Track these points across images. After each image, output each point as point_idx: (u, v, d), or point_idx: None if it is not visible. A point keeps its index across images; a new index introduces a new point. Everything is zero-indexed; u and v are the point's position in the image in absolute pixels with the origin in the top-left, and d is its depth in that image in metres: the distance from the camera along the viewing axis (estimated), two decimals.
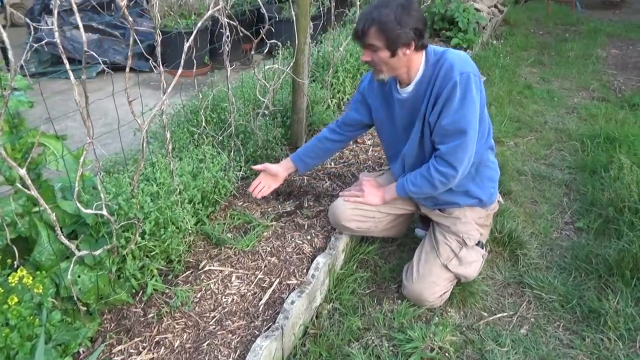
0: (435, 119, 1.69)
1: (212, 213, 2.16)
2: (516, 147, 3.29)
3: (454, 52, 1.69)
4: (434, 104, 1.69)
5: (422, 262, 1.88)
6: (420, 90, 1.73)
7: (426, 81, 1.71)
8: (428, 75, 1.70)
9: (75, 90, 1.31)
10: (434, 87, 1.67)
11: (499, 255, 2.22)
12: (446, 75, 1.64)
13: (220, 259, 1.92)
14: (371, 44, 1.64)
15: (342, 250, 2.08)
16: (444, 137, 1.69)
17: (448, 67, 1.64)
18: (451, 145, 1.67)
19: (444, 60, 1.67)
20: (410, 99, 1.77)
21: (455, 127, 1.64)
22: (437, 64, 1.68)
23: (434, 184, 1.76)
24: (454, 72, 1.62)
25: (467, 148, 1.66)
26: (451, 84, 1.61)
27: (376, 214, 2.02)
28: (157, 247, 1.73)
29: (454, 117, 1.63)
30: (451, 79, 1.61)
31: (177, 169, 1.91)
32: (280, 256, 1.95)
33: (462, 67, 1.63)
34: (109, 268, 1.60)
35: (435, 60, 1.70)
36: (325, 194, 2.38)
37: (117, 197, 1.56)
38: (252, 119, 2.48)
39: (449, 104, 1.63)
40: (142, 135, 1.53)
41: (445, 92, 1.63)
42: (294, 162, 2.15)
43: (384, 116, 1.94)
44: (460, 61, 1.65)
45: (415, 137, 1.80)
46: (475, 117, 1.65)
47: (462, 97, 1.61)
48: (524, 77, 4.72)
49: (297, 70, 2.53)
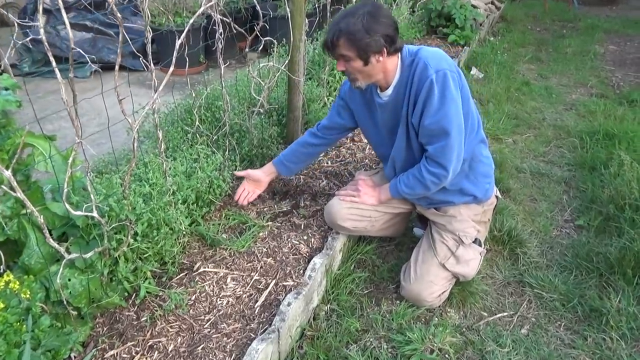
0: (418, 120, 1.67)
1: (207, 213, 2.13)
2: (514, 145, 3.26)
3: (427, 50, 1.67)
4: (414, 105, 1.66)
5: (419, 262, 1.85)
6: (400, 93, 1.71)
7: (404, 83, 1.68)
8: (405, 77, 1.68)
9: (62, 89, 1.28)
10: (412, 88, 1.65)
11: (498, 254, 2.19)
12: (422, 75, 1.61)
13: (215, 260, 1.88)
14: (342, 55, 1.62)
15: (339, 250, 2.05)
16: (430, 138, 1.67)
17: (422, 67, 1.61)
18: (437, 145, 1.65)
19: (418, 59, 1.64)
20: (390, 103, 1.75)
21: (438, 127, 1.61)
22: (412, 65, 1.66)
23: (426, 184, 1.73)
24: (428, 70, 1.59)
25: (454, 147, 1.63)
26: (428, 83, 1.59)
27: (372, 214, 1.98)
28: (150, 249, 1.69)
29: (436, 116, 1.60)
30: (427, 78, 1.59)
31: (171, 169, 1.87)
32: (276, 257, 1.92)
33: (437, 65, 1.60)
34: (100, 271, 1.57)
35: (410, 61, 1.67)
36: (322, 193, 2.35)
37: (108, 199, 1.53)
38: (248, 118, 2.45)
39: (429, 103, 1.60)
40: (133, 134, 1.49)
41: (423, 92, 1.60)
42: (276, 167, 2.12)
43: (367, 121, 1.92)
44: (434, 59, 1.62)
45: (401, 140, 1.78)
46: (457, 114, 1.61)
47: (441, 95, 1.58)
48: (522, 73, 4.69)
49: (292, 68, 2.50)
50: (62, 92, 1.26)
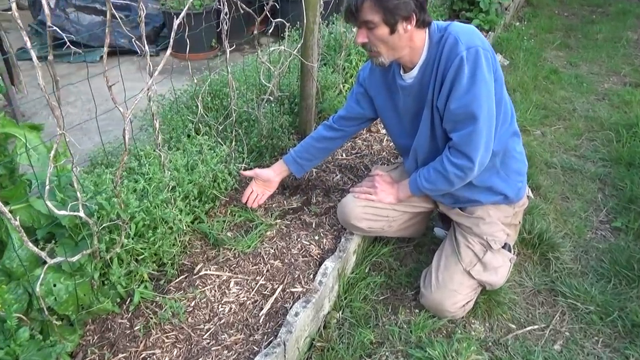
0: (444, 104, 1.48)
1: (212, 209, 1.98)
2: (543, 137, 3.04)
3: (458, 25, 1.47)
4: (440, 86, 1.47)
5: (442, 268, 1.68)
6: (426, 74, 1.52)
7: (431, 62, 1.49)
8: (433, 55, 1.48)
9: (38, 73, 1.12)
10: (439, 67, 1.46)
11: (528, 258, 2.00)
12: (451, 52, 1.42)
13: (218, 262, 1.73)
14: (366, 21, 1.41)
15: (353, 252, 1.88)
16: (455, 124, 1.48)
17: (452, 43, 1.42)
18: (463, 132, 1.46)
19: (447, 35, 1.45)
20: (415, 85, 1.56)
21: (466, 111, 1.42)
22: (441, 41, 1.46)
23: (449, 178, 1.55)
24: (459, 47, 1.40)
25: (481, 135, 1.44)
26: (457, 60, 1.39)
27: (390, 213, 1.81)
28: (146, 250, 1.55)
29: (464, 99, 1.41)
30: (457, 55, 1.39)
31: (171, 162, 1.71)
32: (284, 259, 1.76)
33: (468, 41, 1.40)
34: (90, 274, 1.43)
35: (439, 37, 1.47)
36: (335, 189, 2.18)
37: (96, 196, 1.38)
38: (257, 106, 2.28)
39: (457, 84, 1.41)
40: (124, 125, 1.33)
41: (451, 71, 1.41)
42: (288, 165, 1.93)
43: (388, 108, 1.73)
44: (466, 34, 1.42)
45: (425, 128, 1.59)
46: (489, 98, 1.42)
47: (471, 75, 1.39)
48: (550, 60, 4.43)
49: (305, 53, 2.31)
50: (39, 77, 1.10)
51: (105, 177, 1.43)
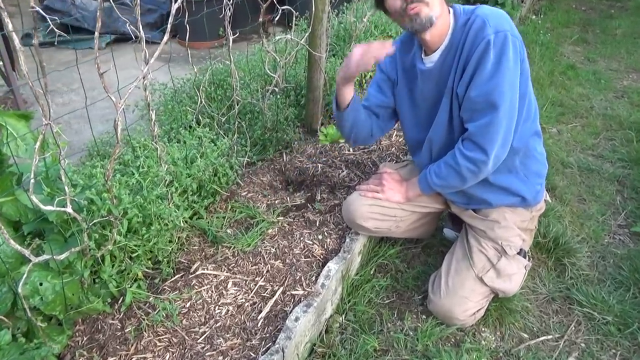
0: (464, 90, 1.38)
1: (212, 204, 1.89)
2: (559, 135, 2.92)
3: (487, 8, 1.36)
4: (462, 72, 1.37)
5: (452, 273, 1.59)
6: (448, 59, 1.41)
7: (455, 46, 1.39)
8: (457, 39, 1.38)
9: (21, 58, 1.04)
10: (463, 51, 1.36)
11: (542, 263, 1.90)
12: (477, 35, 1.31)
13: (216, 261, 1.65)
14: None
15: (358, 252, 1.79)
16: (473, 113, 1.38)
17: (479, 25, 1.31)
18: (481, 122, 1.36)
19: (474, 17, 1.34)
20: (435, 70, 1.45)
21: (487, 99, 1.33)
22: (467, 24, 1.36)
23: (461, 172, 1.45)
24: (486, 30, 1.29)
25: (500, 127, 1.34)
26: (483, 44, 1.29)
27: (398, 212, 1.72)
28: (140, 247, 1.47)
29: (486, 86, 1.31)
30: (483, 39, 1.29)
31: (168, 154, 1.63)
32: (285, 259, 1.68)
33: (497, 25, 1.30)
34: (80, 272, 1.36)
35: (465, 20, 1.37)
36: (341, 185, 2.09)
37: (85, 191, 1.30)
38: (262, 97, 2.19)
39: (481, 69, 1.31)
40: (117, 116, 1.25)
41: (476, 55, 1.31)
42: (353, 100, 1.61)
43: (405, 95, 1.62)
44: (495, 17, 1.32)
45: (442, 117, 1.48)
46: (512, 88, 1.32)
47: (497, 61, 1.29)
48: (567, 56, 4.28)
49: (313, 43, 2.21)
50: (22, 63, 1.02)
51: (96, 170, 1.35)
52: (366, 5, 2.94)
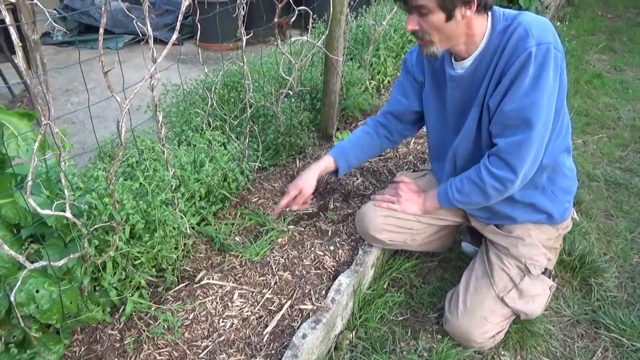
0: (497, 103, 1.28)
1: (220, 210, 1.83)
2: (585, 146, 2.80)
3: (531, 16, 1.26)
4: (497, 83, 1.28)
5: (471, 291, 1.49)
6: (482, 65, 1.32)
7: (491, 53, 1.29)
8: (494, 46, 1.28)
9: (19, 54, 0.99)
10: (500, 61, 1.26)
11: (566, 283, 1.80)
12: (518, 45, 1.22)
13: (223, 270, 1.58)
14: (419, 5, 1.22)
15: (371, 265, 1.71)
16: (504, 129, 1.29)
17: (521, 35, 1.22)
18: (512, 140, 1.27)
19: (516, 25, 1.24)
20: (467, 77, 1.36)
21: (521, 115, 1.23)
22: (507, 31, 1.26)
23: (485, 191, 1.36)
24: (528, 41, 1.20)
25: (532, 146, 1.25)
26: (524, 56, 1.20)
27: (414, 225, 1.63)
28: (143, 255, 1.41)
29: (522, 102, 1.22)
30: (525, 50, 1.20)
31: (176, 157, 1.57)
32: (295, 270, 1.60)
33: (541, 36, 1.20)
34: (80, 280, 1.30)
35: (505, 26, 1.27)
36: (355, 193, 2.01)
37: (86, 195, 1.24)
38: (276, 100, 2.12)
39: (518, 83, 1.22)
40: (121, 117, 1.19)
41: (515, 67, 1.22)
42: (337, 160, 1.64)
43: (432, 99, 1.53)
44: (539, 27, 1.22)
45: (469, 128, 1.39)
46: (549, 106, 1.23)
47: (536, 75, 1.20)
48: (593, 64, 4.14)
49: (330, 45, 2.14)
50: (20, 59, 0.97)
51: (98, 173, 1.29)
52: (386, 9, 2.86)
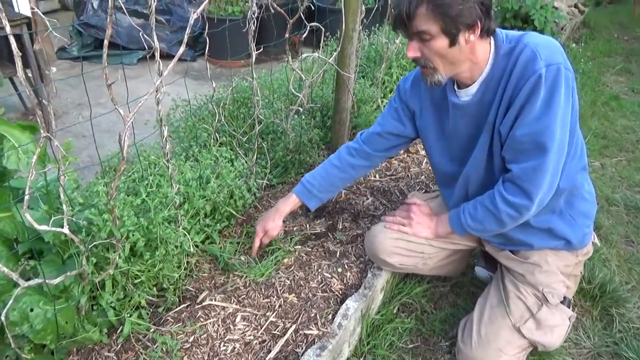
0: (508, 128, 1.23)
1: (226, 228, 1.78)
2: (603, 169, 2.72)
3: (536, 36, 1.21)
4: (507, 108, 1.22)
5: (485, 320, 1.42)
6: (489, 91, 1.27)
7: (497, 78, 1.24)
8: (500, 70, 1.23)
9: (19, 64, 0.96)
10: (508, 85, 1.21)
11: (586, 312, 1.71)
12: (526, 68, 1.17)
13: (226, 291, 1.53)
14: (421, 31, 1.17)
15: (380, 289, 1.64)
16: (517, 154, 1.23)
17: (529, 57, 1.16)
18: (527, 165, 1.21)
19: (522, 47, 1.19)
20: (474, 105, 1.31)
21: (534, 139, 1.18)
22: (513, 53, 1.21)
23: (500, 218, 1.30)
24: (537, 63, 1.15)
25: (547, 171, 1.19)
26: (534, 79, 1.14)
27: (426, 249, 1.56)
28: (143, 274, 1.36)
29: (534, 126, 1.17)
30: (534, 73, 1.14)
31: (182, 174, 1.53)
32: (301, 293, 1.54)
33: (549, 57, 1.15)
34: (77, 298, 1.25)
35: (510, 49, 1.22)
36: (365, 214, 1.95)
37: (85, 210, 1.20)
38: (285, 117, 2.09)
39: (529, 107, 1.17)
40: (124, 130, 1.16)
41: (525, 91, 1.16)
42: (303, 199, 1.64)
43: (432, 129, 1.47)
44: (547, 48, 1.17)
45: (480, 155, 1.34)
46: (563, 129, 1.17)
47: (548, 98, 1.15)
48: (609, 86, 4.07)
49: (342, 62, 2.11)
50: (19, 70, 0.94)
51: (98, 188, 1.25)
52: None
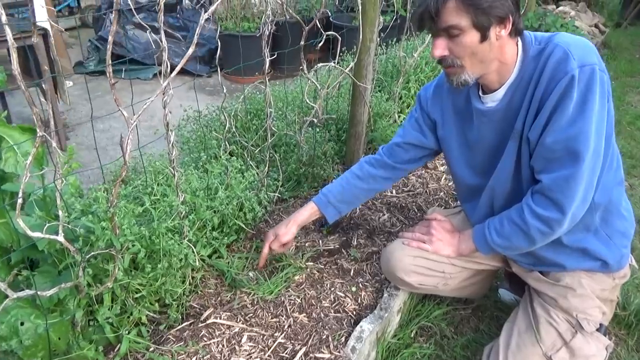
0: (538, 135, 1.13)
1: (235, 243, 1.70)
2: (632, 190, 2.58)
3: (567, 36, 1.12)
4: (536, 113, 1.13)
5: (513, 348, 1.29)
6: (517, 96, 1.17)
7: (525, 81, 1.15)
8: (529, 72, 1.14)
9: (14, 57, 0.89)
10: (538, 88, 1.11)
11: (621, 342, 1.57)
12: (558, 69, 1.07)
13: (232, 309, 1.43)
14: (450, 26, 1.08)
15: (397, 311, 1.53)
16: (548, 163, 1.13)
17: (561, 57, 1.07)
18: (558, 175, 1.11)
19: (553, 47, 1.10)
20: (500, 110, 1.21)
21: (567, 146, 1.08)
22: (543, 55, 1.11)
23: (529, 234, 1.19)
24: (569, 63, 1.05)
25: (582, 179, 1.09)
26: (565, 81, 1.05)
27: (447, 268, 1.45)
28: (144, 288, 1.27)
29: (567, 132, 1.07)
30: (566, 74, 1.05)
31: (187, 183, 1.46)
32: (312, 313, 1.44)
33: (583, 57, 1.06)
34: (72, 313, 1.17)
35: (539, 50, 1.13)
36: (381, 230, 1.85)
37: (82, 218, 1.12)
38: (299, 129, 2.01)
39: (561, 111, 1.07)
40: (127, 134, 1.09)
41: (555, 94, 1.07)
42: (321, 209, 1.54)
43: (454, 138, 1.38)
44: (580, 48, 1.08)
45: (507, 164, 1.24)
46: (598, 135, 1.08)
47: (581, 101, 1.05)
48: (634, 105, 3.95)
49: (359, 73, 2.04)
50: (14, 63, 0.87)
51: (98, 194, 1.17)
52: (417, 41, 2.77)
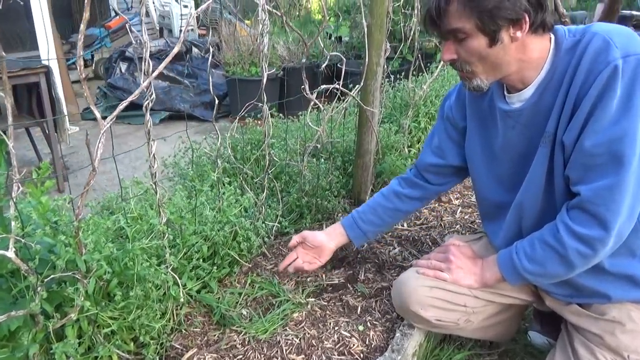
0: (574, 138, 0.97)
1: (228, 277, 1.52)
2: None
3: (606, 25, 0.98)
4: (571, 112, 0.97)
5: None
6: (547, 94, 1.02)
7: (558, 77, 1.00)
8: (562, 67, 0.99)
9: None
10: (573, 83, 0.96)
11: None
12: (597, 60, 0.93)
13: (219, 350, 1.23)
14: (454, 29, 0.98)
15: (412, 354, 1.32)
16: (587, 171, 0.96)
17: (600, 46, 0.93)
18: (599, 185, 0.94)
19: (591, 36, 0.96)
20: (528, 110, 1.06)
21: (610, 150, 0.92)
22: (579, 46, 0.97)
23: (566, 257, 1.00)
24: (611, 52, 0.91)
25: (627, 190, 0.92)
26: (607, 72, 0.91)
27: (469, 301, 1.25)
28: (115, 321, 1.09)
29: (609, 132, 0.91)
30: (607, 64, 0.91)
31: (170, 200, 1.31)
32: (312, 355, 1.23)
33: (627, 46, 0.92)
34: (25, 348, 0.99)
35: (575, 42, 0.99)
36: (391, 264, 1.66)
37: (38, 230, 0.97)
38: (300, 157, 1.88)
39: (602, 108, 0.92)
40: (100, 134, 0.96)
41: (595, 88, 0.92)
42: (346, 229, 1.44)
43: (478, 145, 1.23)
44: (622, 36, 0.94)
45: (538, 175, 1.07)
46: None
47: (627, 95, 0.90)
48: None
49: (365, 98, 1.93)
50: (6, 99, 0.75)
51: (59, 202, 1.02)
52: (427, 73, 2.69)
